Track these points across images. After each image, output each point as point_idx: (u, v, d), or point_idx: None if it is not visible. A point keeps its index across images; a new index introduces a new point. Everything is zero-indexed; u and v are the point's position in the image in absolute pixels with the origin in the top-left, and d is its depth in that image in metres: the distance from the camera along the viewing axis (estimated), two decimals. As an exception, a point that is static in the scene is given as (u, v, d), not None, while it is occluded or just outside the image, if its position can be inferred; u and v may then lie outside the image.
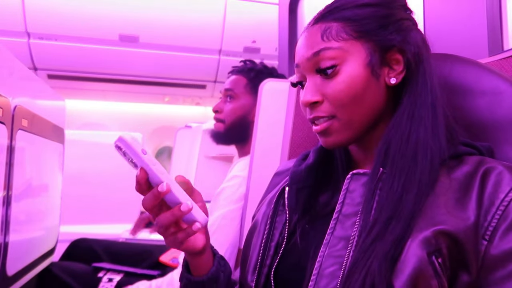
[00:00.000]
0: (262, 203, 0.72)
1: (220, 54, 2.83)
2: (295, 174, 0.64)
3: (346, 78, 0.54)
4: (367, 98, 0.55)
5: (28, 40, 2.54)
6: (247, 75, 1.31)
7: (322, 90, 0.56)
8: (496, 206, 0.47)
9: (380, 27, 0.55)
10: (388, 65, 0.56)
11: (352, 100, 0.54)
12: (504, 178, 0.49)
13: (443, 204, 0.49)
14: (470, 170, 0.51)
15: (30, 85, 1.21)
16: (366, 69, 0.55)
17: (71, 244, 1.75)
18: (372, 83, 0.55)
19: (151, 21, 2.59)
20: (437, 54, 0.66)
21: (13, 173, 1.00)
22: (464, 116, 0.61)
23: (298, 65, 0.59)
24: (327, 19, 0.56)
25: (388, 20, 0.56)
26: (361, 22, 0.55)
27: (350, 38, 0.55)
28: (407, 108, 0.55)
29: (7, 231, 0.99)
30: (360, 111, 0.55)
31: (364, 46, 0.55)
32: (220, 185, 1.21)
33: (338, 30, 0.55)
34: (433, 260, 0.45)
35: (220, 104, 1.31)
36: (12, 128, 0.98)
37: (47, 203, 1.41)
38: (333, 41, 0.55)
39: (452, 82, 0.63)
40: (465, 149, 0.55)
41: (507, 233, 0.46)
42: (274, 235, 0.61)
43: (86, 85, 3.22)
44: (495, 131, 0.58)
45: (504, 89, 0.58)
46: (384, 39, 0.55)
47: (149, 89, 3.39)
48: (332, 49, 0.55)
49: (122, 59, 2.82)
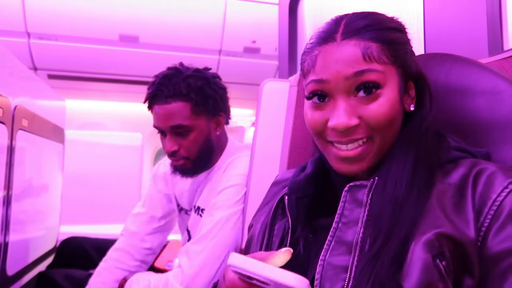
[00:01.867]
0: (259, 212, 0.72)
1: (220, 54, 2.83)
2: (294, 184, 0.64)
3: (387, 102, 0.54)
4: (397, 122, 0.57)
5: (28, 40, 2.53)
6: (188, 99, 1.09)
7: (360, 112, 0.54)
8: (488, 206, 0.48)
9: (406, 54, 0.57)
10: (407, 92, 0.58)
11: (389, 124, 0.55)
12: (496, 178, 0.49)
13: (442, 209, 0.49)
14: (465, 172, 0.52)
15: (30, 85, 1.21)
16: (399, 95, 0.56)
17: (62, 243, 1.73)
18: (400, 109, 0.57)
19: (151, 21, 2.59)
20: (437, 54, 0.66)
21: (13, 173, 1.00)
22: (464, 116, 0.61)
23: (327, 81, 0.55)
24: (364, 37, 0.54)
25: (409, 47, 0.58)
26: (396, 47, 0.55)
27: (389, 62, 0.54)
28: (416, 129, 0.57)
29: (7, 231, 0.98)
30: (392, 134, 0.56)
31: (398, 72, 0.56)
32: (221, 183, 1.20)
33: (379, 53, 0.54)
34: (437, 263, 0.45)
35: (172, 143, 1.11)
36: (12, 128, 0.98)
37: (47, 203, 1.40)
38: (375, 63, 0.53)
39: (451, 82, 0.63)
40: (458, 154, 0.56)
41: (499, 232, 0.47)
42: (274, 243, 0.61)
43: (86, 85, 3.22)
44: (495, 131, 0.58)
45: (503, 89, 0.58)
46: (408, 66, 0.57)
47: (149, 89, 3.38)
48: (376, 72, 0.53)
49: (122, 59, 2.82)
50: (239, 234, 1.13)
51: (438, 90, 0.63)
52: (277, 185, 0.75)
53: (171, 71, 1.15)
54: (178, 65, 1.19)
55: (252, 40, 2.79)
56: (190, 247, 1.10)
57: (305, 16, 1.61)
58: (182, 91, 1.09)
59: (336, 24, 0.57)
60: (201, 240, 1.09)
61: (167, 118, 1.09)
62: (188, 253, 1.09)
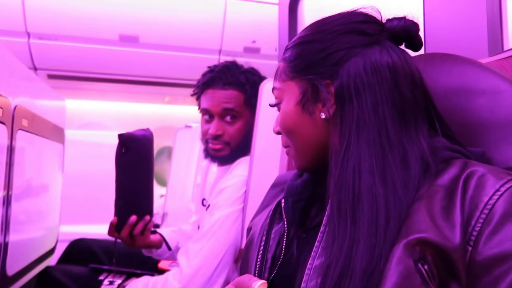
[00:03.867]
0: (258, 215, 0.73)
1: (220, 54, 2.83)
2: (291, 187, 0.66)
3: (282, 115, 0.61)
4: (302, 132, 0.60)
5: (28, 40, 2.53)
6: (243, 90, 1.19)
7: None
8: (480, 210, 0.46)
9: (310, 66, 0.57)
10: (321, 101, 0.57)
11: (290, 133, 0.61)
12: (487, 180, 0.48)
13: (429, 212, 0.47)
14: (456, 174, 0.50)
15: (30, 85, 1.21)
16: (296, 107, 0.59)
17: (70, 244, 1.75)
18: (304, 119, 0.59)
19: (151, 21, 2.59)
20: (437, 54, 0.66)
21: (13, 173, 1.00)
22: (464, 116, 0.61)
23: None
24: (282, 58, 0.63)
25: (320, 56, 0.57)
26: (294, 63, 0.60)
27: (287, 79, 0.61)
28: (339, 144, 0.54)
29: (7, 231, 0.99)
30: (300, 143, 0.61)
31: (298, 85, 0.59)
32: (221, 183, 1.21)
33: (281, 72, 0.62)
34: (419, 267, 0.44)
35: (219, 126, 1.18)
36: (12, 128, 0.98)
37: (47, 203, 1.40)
38: (277, 81, 0.63)
39: (451, 82, 0.63)
40: (450, 154, 0.54)
41: (491, 237, 0.45)
42: (271, 247, 0.62)
43: (86, 85, 3.22)
44: (495, 131, 0.58)
45: (504, 88, 0.58)
46: (314, 77, 0.57)
47: (149, 89, 3.39)
48: (277, 89, 0.63)
49: (122, 59, 2.82)
50: (239, 233, 1.13)
51: (438, 90, 0.63)
52: (276, 187, 0.76)
53: (229, 63, 1.25)
54: (234, 60, 1.29)
55: (252, 40, 2.79)
56: (189, 246, 1.11)
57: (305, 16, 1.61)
58: (240, 81, 1.18)
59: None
60: (200, 240, 1.10)
61: (222, 102, 1.17)
62: (187, 252, 1.10)
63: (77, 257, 1.66)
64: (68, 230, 1.94)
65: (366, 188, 0.50)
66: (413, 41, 0.59)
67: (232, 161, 1.23)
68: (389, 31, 0.58)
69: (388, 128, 0.52)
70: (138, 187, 1.18)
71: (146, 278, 1.15)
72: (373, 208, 0.48)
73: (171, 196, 2.64)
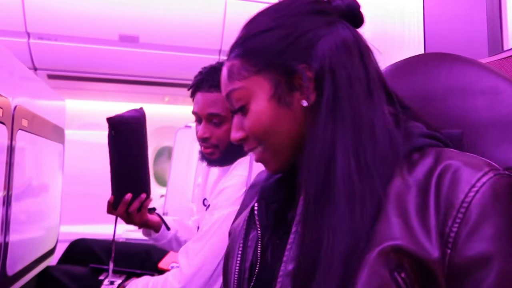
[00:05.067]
0: (237, 220, 0.70)
1: (220, 54, 2.83)
2: (264, 189, 0.62)
3: (253, 115, 0.55)
4: (281, 127, 0.54)
5: (28, 40, 2.53)
6: None
7: (243, 126, 0.57)
8: (456, 209, 0.43)
9: (278, 54, 0.53)
10: (298, 89, 0.53)
11: (265, 134, 0.54)
12: (462, 175, 0.44)
13: (402, 214, 0.45)
14: (430, 167, 0.47)
15: (30, 85, 1.21)
16: (270, 102, 0.53)
17: (71, 244, 1.76)
18: (282, 113, 0.53)
19: (151, 21, 2.59)
20: (437, 53, 0.66)
21: (13, 173, 1.00)
22: (464, 116, 0.61)
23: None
24: (231, 57, 0.57)
25: (287, 41, 0.53)
26: (257, 55, 0.54)
27: (250, 74, 0.54)
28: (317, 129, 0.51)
29: (7, 231, 0.99)
30: (279, 140, 0.55)
31: (267, 78, 0.53)
32: (220, 183, 1.21)
33: (239, 68, 0.55)
34: (395, 276, 0.42)
35: (206, 130, 1.16)
36: (12, 128, 0.98)
37: (47, 203, 1.40)
38: (236, 81, 0.55)
39: (451, 82, 0.63)
40: (425, 141, 0.51)
41: (470, 238, 0.42)
42: (248, 255, 0.59)
43: (86, 85, 3.22)
44: (495, 130, 0.58)
45: (504, 88, 0.58)
46: (285, 65, 0.53)
47: (149, 89, 3.39)
48: (237, 90, 0.55)
49: (122, 59, 2.82)
50: (238, 234, 1.13)
51: (438, 90, 0.63)
52: (254, 188, 0.72)
53: (217, 65, 1.23)
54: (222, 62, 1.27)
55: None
56: (189, 246, 1.11)
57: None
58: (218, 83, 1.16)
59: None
60: (200, 240, 1.10)
61: (206, 106, 1.16)
62: (187, 252, 1.10)
63: (77, 257, 1.67)
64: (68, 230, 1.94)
65: (342, 169, 0.48)
66: (356, 18, 0.57)
67: (229, 163, 1.22)
68: (337, 10, 0.56)
69: (360, 105, 0.51)
70: (132, 167, 1.19)
71: (146, 278, 1.15)
72: (349, 189, 0.46)
73: (171, 196, 2.64)
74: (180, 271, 1.07)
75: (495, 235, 0.42)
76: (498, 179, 0.44)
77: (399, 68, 0.70)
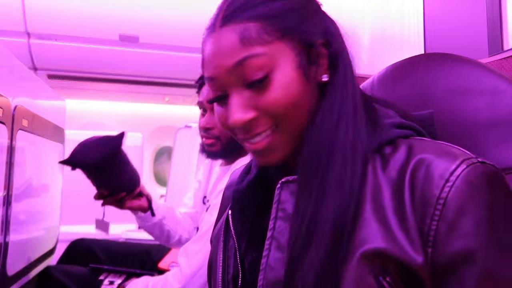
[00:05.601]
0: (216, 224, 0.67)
1: (220, 54, 2.83)
2: (237, 193, 0.57)
3: (281, 87, 0.47)
4: (305, 102, 0.49)
5: (28, 40, 2.53)
6: None
7: (255, 104, 0.48)
8: (433, 206, 0.42)
9: (301, 21, 0.49)
10: (315, 62, 0.50)
11: (292, 108, 0.48)
12: (435, 170, 0.43)
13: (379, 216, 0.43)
14: (402, 163, 0.45)
15: (30, 85, 1.21)
16: (298, 72, 0.48)
17: (70, 244, 1.76)
18: (306, 85, 0.49)
19: (151, 21, 2.59)
20: (437, 54, 0.66)
21: (13, 173, 1.00)
22: (464, 116, 0.61)
23: (214, 79, 0.49)
24: (240, 19, 0.47)
25: (306, 12, 0.50)
26: (281, 18, 0.48)
27: (273, 39, 0.47)
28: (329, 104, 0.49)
29: (7, 231, 0.99)
30: (300, 117, 0.49)
31: (289, 45, 0.48)
32: (221, 184, 1.20)
33: (259, 31, 0.46)
34: (380, 281, 0.41)
35: (209, 119, 1.16)
36: (12, 128, 0.98)
37: (47, 203, 1.40)
38: (256, 46, 0.46)
39: (451, 82, 0.63)
40: (397, 132, 0.49)
41: (449, 235, 0.41)
42: (229, 266, 0.55)
43: (86, 85, 3.22)
44: (495, 130, 0.58)
45: (503, 88, 0.58)
46: (307, 34, 0.49)
47: (149, 89, 3.39)
48: (258, 56, 0.46)
49: (122, 59, 2.82)
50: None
51: (438, 90, 0.63)
52: (229, 189, 0.67)
53: None
54: None
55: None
56: (189, 246, 1.11)
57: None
58: None
59: (218, 9, 0.51)
60: (199, 240, 1.10)
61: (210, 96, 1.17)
62: (186, 253, 1.10)
63: (77, 257, 1.67)
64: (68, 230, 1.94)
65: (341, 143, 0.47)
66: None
67: (227, 158, 1.22)
68: None
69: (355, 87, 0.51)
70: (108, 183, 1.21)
71: (146, 278, 1.15)
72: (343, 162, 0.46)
73: (171, 196, 2.64)
74: (180, 271, 1.07)
75: (474, 229, 0.41)
76: (472, 169, 0.42)
77: (399, 68, 0.70)
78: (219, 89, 0.50)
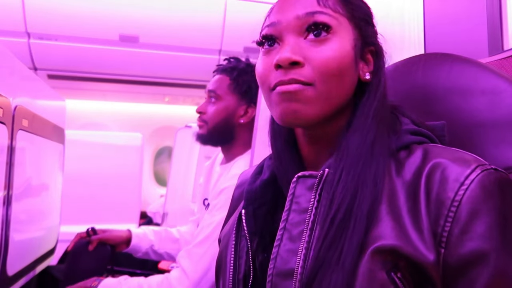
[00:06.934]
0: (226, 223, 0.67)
1: (220, 54, 2.83)
2: (250, 193, 0.58)
3: (338, 48, 0.50)
4: (346, 78, 0.51)
5: (28, 40, 2.54)
6: (229, 75, 1.27)
7: (307, 53, 0.50)
8: (447, 208, 0.43)
9: (365, 20, 0.55)
10: (364, 60, 0.55)
11: (337, 71, 0.50)
12: (450, 173, 0.45)
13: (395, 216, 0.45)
14: (418, 167, 0.47)
15: (31, 85, 1.21)
16: (352, 50, 0.52)
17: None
18: (352, 67, 0.52)
19: (151, 21, 2.59)
20: (437, 53, 0.66)
21: (13, 173, 1.00)
22: (463, 115, 0.61)
23: (278, 23, 0.53)
24: None
25: (370, 19, 0.57)
26: (354, 6, 0.54)
27: (343, 15, 0.52)
28: (369, 103, 0.53)
29: (7, 231, 0.99)
30: (338, 87, 0.51)
31: (352, 29, 0.53)
32: (220, 183, 1.20)
33: (335, 2, 0.52)
34: (392, 276, 0.43)
35: (204, 105, 1.27)
36: (12, 128, 0.98)
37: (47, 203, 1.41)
38: (330, 9, 0.51)
39: (451, 82, 0.63)
40: (412, 138, 0.52)
41: (462, 236, 0.42)
42: (240, 266, 0.56)
43: (86, 85, 3.22)
44: (495, 131, 0.58)
45: (503, 88, 0.58)
46: (366, 32, 0.55)
47: (149, 89, 3.39)
48: (329, 16, 0.51)
49: (122, 59, 2.82)
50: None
51: (438, 90, 0.63)
52: (240, 188, 0.69)
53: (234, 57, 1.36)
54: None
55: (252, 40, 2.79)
56: (192, 250, 1.09)
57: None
58: (228, 66, 1.29)
59: None
60: (203, 243, 1.09)
61: (210, 84, 1.29)
62: (190, 256, 1.08)
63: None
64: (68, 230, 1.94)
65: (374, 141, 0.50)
66: None
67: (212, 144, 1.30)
68: None
69: (386, 89, 0.56)
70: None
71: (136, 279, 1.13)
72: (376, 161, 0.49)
73: (171, 196, 2.64)
74: (186, 276, 1.06)
75: (487, 232, 0.42)
76: (486, 175, 0.44)
77: (399, 68, 0.70)
78: (275, 34, 0.53)
